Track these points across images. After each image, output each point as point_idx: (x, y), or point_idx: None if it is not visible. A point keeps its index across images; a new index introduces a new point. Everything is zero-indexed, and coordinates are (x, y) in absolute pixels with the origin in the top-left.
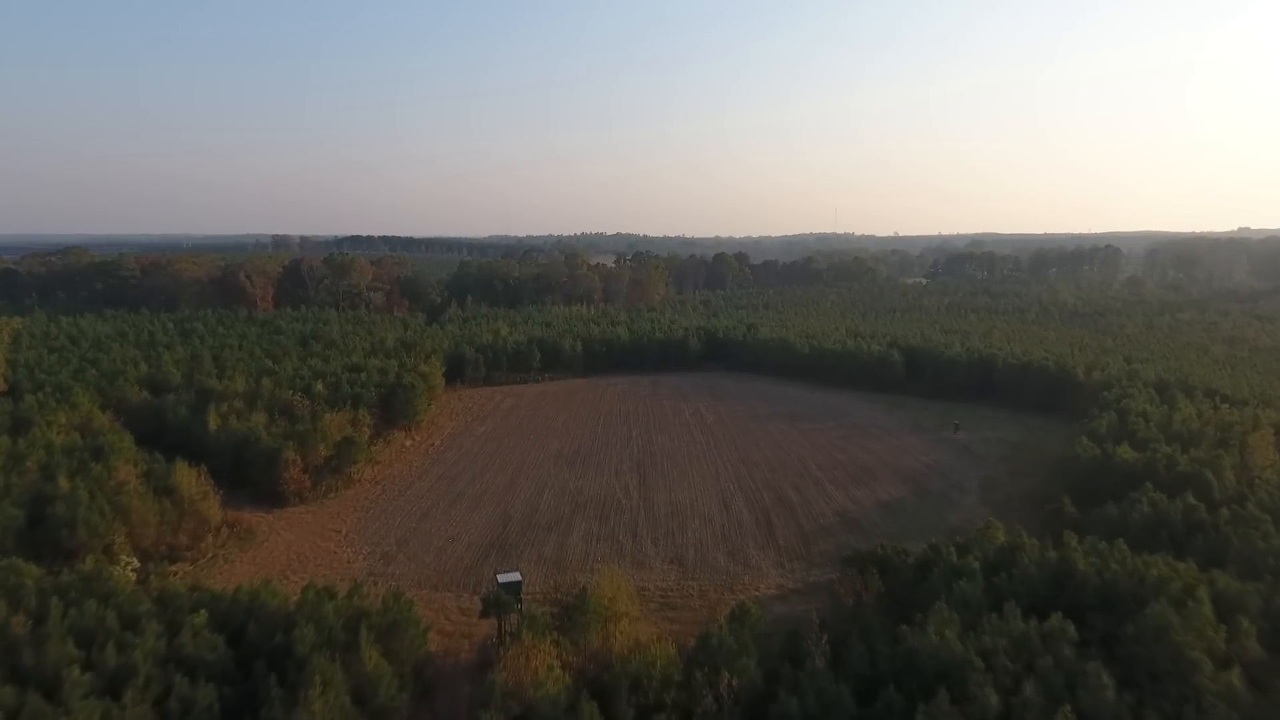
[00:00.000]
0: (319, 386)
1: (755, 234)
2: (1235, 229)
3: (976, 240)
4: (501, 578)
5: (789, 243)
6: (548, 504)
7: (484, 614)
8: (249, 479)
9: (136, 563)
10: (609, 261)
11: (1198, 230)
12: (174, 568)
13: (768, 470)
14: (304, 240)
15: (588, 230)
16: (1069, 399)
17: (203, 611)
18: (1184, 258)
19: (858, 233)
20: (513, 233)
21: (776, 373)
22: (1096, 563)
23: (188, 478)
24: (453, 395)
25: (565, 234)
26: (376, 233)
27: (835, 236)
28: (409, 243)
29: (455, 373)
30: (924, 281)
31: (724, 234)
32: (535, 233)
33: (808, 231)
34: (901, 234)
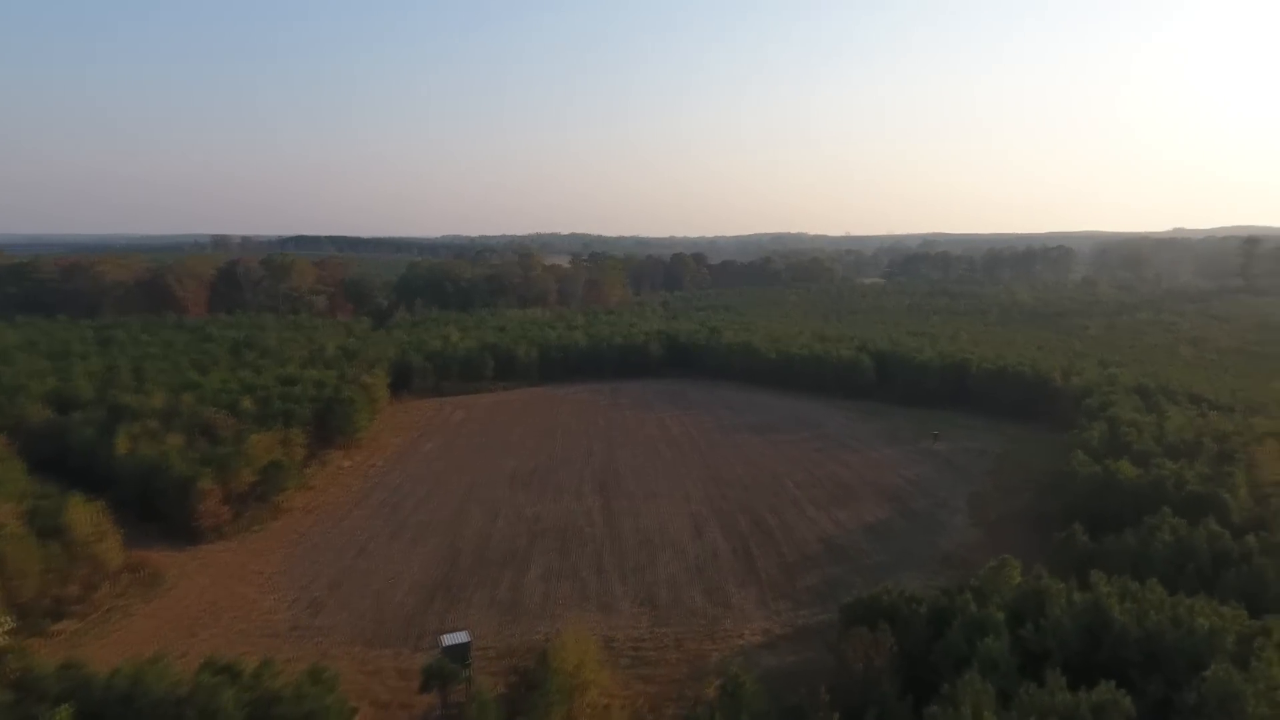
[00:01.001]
0: (247, 402)
1: (710, 234)
2: (1172, 229)
3: (928, 240)
4: (447, 639)
5: (744, 243)
6: (501, 534)
7: (425, 688)
8: (160, 512)
9: (10, 623)
10: (564, 262)
11: (1137, 230)
12: (58, 626)
13: (742, 490)
14: (246, 240)
15: (542, 230)
16: (1048, 406)
17: (67, 707)
18: (1131, 257)
19: (811, 233)
20: (466, 232)
21: (742, 378)
22: (1133, 609)
23: (82, 515)
24: (398, 408)
25: (519, 234)
26: (324, 233)
27: (790, 236)
28: (357, 243)
29: (402, 382)
30: (881, 281)
31: (679, 234)
32: (489, 232)
33: (763, 231)
34: (854, 234)
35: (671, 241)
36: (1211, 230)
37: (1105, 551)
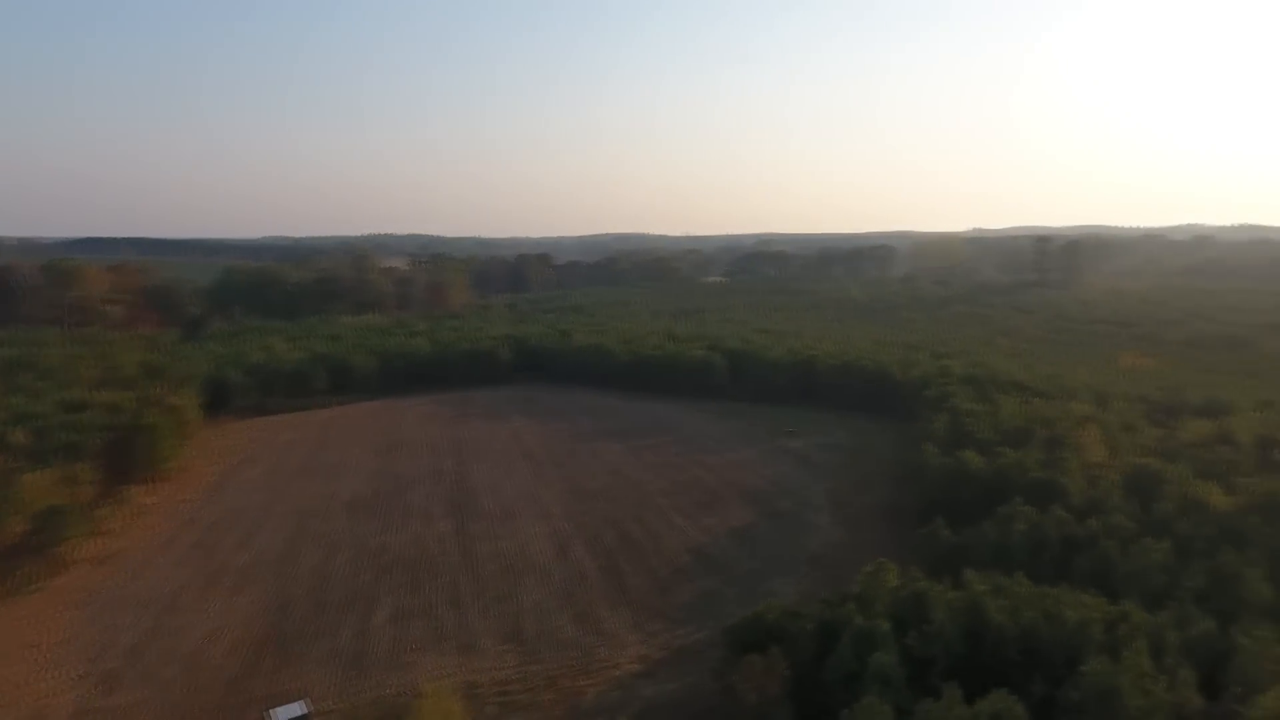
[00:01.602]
0: (18, 435)
1: (554, 234)
2: (972, 229)
3: (763, 240)
4: (279, 714)
5: (588, 243)
6: (341, 572)
7: None
8: None
9: None
10: (402, 264)
11: (943, 230)
12: None
13: (605, 501)
14: (23, 243)
15: (377, 230)
16: (890, 398)
17: None
18: (943, 255)
19: (653, 233)
20: (291, 233)
21: (596, 382)
22: (1007, 606)
23: None
24: (215, 431)
25: (352, 235)
26: (122, 234)
27: (633, 236)
28: (162, 245)
29: (218, 402)
30: (723, 280)
31: (522, 234)
32: (318, 233)
33: (606, 232)
34: (694, 234)
35: (515, 242)
36: (1005, 230)
37: (967, 545)
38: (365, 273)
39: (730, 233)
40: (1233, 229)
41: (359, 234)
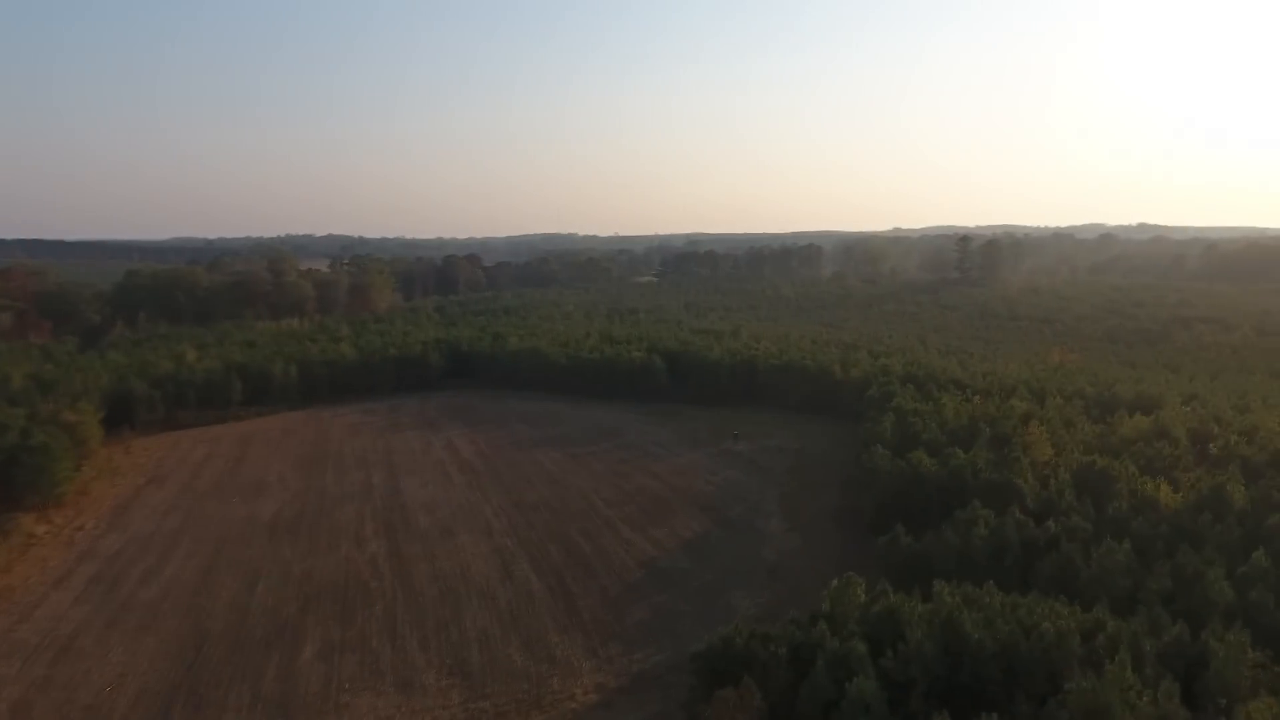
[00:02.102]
0: None
1: (481, 235)
2: (892, 228)
3: (692, 239)
4: None
5: (516, 243)
6: (263, 604)
7: None
8: None
9: None
10: (323, 266)
11: (866, 229)
12: None
13: (549, 514)
14: None
15: (294, 231)
16: (831, 398)
17: None
18: (869, 254)
19: (582, 233)
20: (201, 234)
21: (533, 387)
22: (981, 619)
23: None
24: (117, 449)
25: (267, 235)
26: (10, 234)
27: (562, 236)
28: (57, 246)
29: (121, 416)
30: (655, 280)
31: (449, 235)
32: (230, 234)
33: (534, 232)
34: (623, 234)
35: (441, 243)
36: (924, 229)
37: (928, 552)
38: (283, 275)
39: (659, 233)
40: (1131, 228)
41: (275, 235)
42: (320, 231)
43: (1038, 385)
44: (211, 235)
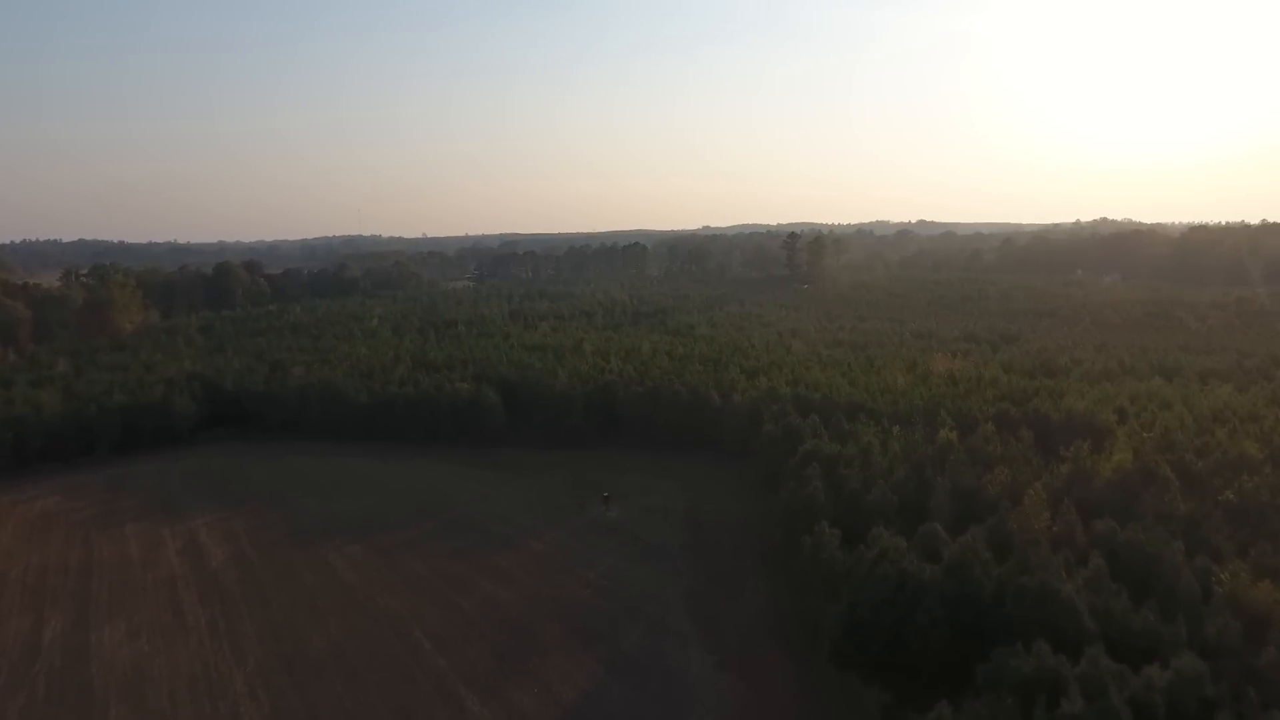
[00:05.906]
0: None
1: (269, 237)
2: (700, 227)
3: (506, 240)
4: None
5: (310, 247)
6: None
7: None
8: None
9: None
10: (52, 280)
11: (674, 228)
12: None
13: (343, 680)
14: None
15: (33, 236)
16: (710, 430)
17: None
18: (695, 253)
19: (386, 234)
20: None
21: (325, 434)
22: None
23: None
24: None
25: None
26: None
27: (363, 239)
28: None
29: None
30: (472, 285)
31: (229, 238)
32: None
33: (331, 234)
34: (430, 235)
35: (220, 247)
36: (731, 227)
37: None
38: None
39: (471, 233)
40: (915, 225)
41: (5, 241)
42: (69, 236)
43: (954, 407)
44: None
